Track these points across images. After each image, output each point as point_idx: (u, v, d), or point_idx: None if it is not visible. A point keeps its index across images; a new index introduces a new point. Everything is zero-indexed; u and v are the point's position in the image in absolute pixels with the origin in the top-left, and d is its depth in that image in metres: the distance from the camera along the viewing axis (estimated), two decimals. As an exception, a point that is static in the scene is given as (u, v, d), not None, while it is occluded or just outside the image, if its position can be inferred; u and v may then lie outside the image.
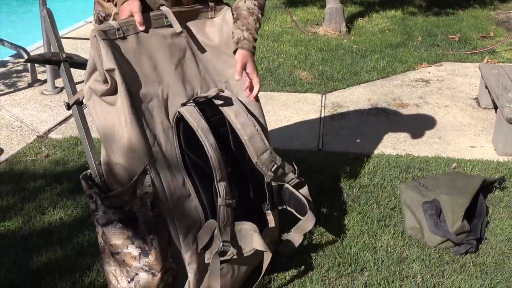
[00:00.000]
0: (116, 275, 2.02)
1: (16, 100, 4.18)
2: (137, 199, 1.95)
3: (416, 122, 3.92)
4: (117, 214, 1.95)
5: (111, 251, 2.00)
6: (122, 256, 1.98)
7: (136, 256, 1.97)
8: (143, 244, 1.96)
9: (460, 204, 2.59)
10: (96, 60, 1.91)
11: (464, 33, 5.96)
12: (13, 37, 4.93)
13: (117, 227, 1.96)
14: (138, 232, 1.96)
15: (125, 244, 1.97)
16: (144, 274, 1.98)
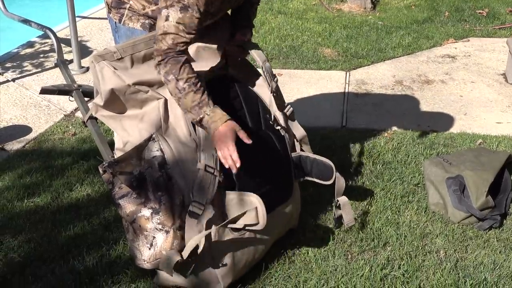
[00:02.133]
0: (140, 248, 2.08)
1: (43, 80, 4.25)
2: (144, 162, 2.04)
3: (441, 98, 3.88)
4: (128, 180, 2.03)
5: (129, 222, 2.08)
6: (137, 221, 2.06)
7: (149, 217, 2.04)
8: (154, 203, 2.04)
9: (484, 179, 2.57)
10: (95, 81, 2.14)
11: (492, 7, 5.83)
12: (39, 18, 4.98)
13: (131, 198, 2.06)
14: (147, 192, 2.04)
15: (139, 209, 2.05)
16: (159, 234, 2.04)
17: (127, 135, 2.12)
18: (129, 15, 2.19)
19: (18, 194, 2.81)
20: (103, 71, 2.06)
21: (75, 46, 4.32)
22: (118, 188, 2.08)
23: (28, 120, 3.65)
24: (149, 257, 2.06)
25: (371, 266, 2.31)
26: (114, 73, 2.06)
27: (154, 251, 2.06)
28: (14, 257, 2.39)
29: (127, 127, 2.13)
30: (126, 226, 2.13)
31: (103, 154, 2.24)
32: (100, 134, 2.26)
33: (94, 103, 2.16)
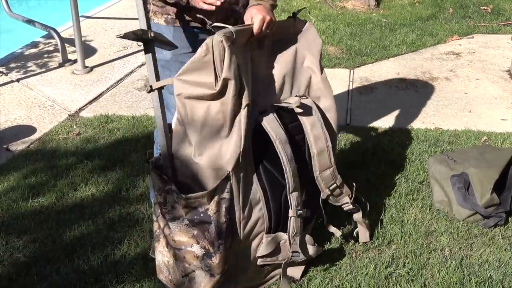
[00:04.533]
0: (169, 266, 2.04)
1: (48, 80, 4.26)
2: (214, 204, 1.95)
3: (445, 95, 3.86)
4: (190, 214, 1.96)
5: (171, 245, 2.01)
6: (183, 253, 1.99)
7: (199, 256, 1.98)
8: (210, 247, 1.96)
9: (489, 176, 2.56)
10: (217, 64, 1.90)
11: (497, 4, 5.81)
12: (43, 18, 5.00)
13: (183, 224, 1.97)
14: (208, 235, 1.96)
15: (190, 243, 1.97)
16: (202, 273, 1.99)
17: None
18: (154, 10, 2.19)
19: (23, 194, 2.82)
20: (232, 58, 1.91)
21: (79, 46, 4.33)
22: (170, 207, 1.97)
23: (32, 120, 3.66)
24: (179, 284, 2.03)
25: (376, 264, 2.31)
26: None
27: (190, 284, 2.00)
28: (19, 257, 2.40)
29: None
30: (158, 235, 2.04)
31: (162, 143, 2.03)
32: (164, 117, 2.03)
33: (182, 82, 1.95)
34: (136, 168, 3.00)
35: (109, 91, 4.07)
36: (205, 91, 1.92)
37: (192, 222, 1.96)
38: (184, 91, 1.93)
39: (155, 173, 1.99)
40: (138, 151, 3.15)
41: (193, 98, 1.93)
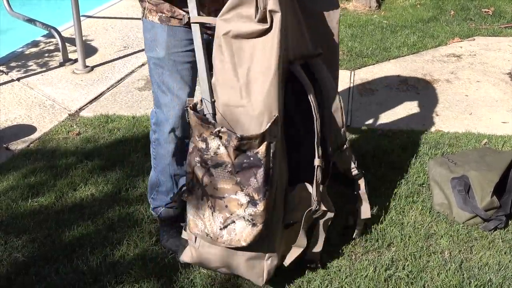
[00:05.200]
0: (205, 219, 1.97)
1: (48, 79, 4.26)
2: (264, 147, 1.89)
3: (446, 97, 3.86)
4: (239, 158, 1.89)
5: (211, 194, 1.94)
6: (226, 201, 1.93)
7: (244, 204, 1.91)
8: (254, 193, 1.90)
9: (489, 179, 2.56)
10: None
11: (498, 6, 5.80)
12: (44, 17, 4.99)
13: (225, 171, 1.91)
14: (253, 181, 1.90)
15: (234, 190, 1.91)
16: (243, 223, 1.93)
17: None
18: (148, 7, 2.19)
19: (22, 194, 2.82)
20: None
21: (79, 45, 4.32)
22: (213, 153, 1.90)
23: (32, 120, 3.66)
24: (216, 236, 1.96)
25: (375, 266, 2.31)
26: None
27: (229, 236, 1.94)
28: (18, 257, 2.39)
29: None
30: (192, 187, 1.98)
31: (204, 86, 1.98)
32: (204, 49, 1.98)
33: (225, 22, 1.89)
34: (136, 169, 3.00)
35: (110, 90, 4.07)
36: (254, 27, 1.85)
37: (238, 167, 1.89)
38: (232, 28, 1.86)
39: (197, 117, 1.92)
40: (138, 151, 3.15)
41: (241, 37, 1.87)
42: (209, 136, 1.90)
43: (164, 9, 2.16)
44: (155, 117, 2.33)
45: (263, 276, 2.11)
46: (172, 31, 2.18)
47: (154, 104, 2.33)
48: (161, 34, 2.18)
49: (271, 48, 1.86)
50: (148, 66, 2.30)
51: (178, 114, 2.26)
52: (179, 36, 2.18)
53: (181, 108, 2.25)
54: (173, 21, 2.17)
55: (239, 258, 2.06)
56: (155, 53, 2.21)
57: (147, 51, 2.27)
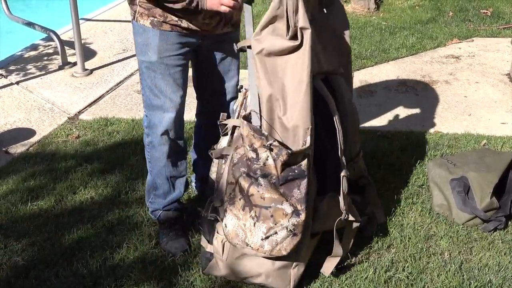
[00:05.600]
0: (246, 229, 2.01)
1: (47, 82, 4.26)
2: (306, 160, 1.98)
3: (445, 99, 3.86)
4: (286, 171, 1.97)
5: (257, 204, 1.98)
6: (272, 211, 1.98)
7: (288, 214, 1.97)
8: (298, 204, 1.97)
9: (488, 180, 2.56)
10: (290, 16, 1.94)
11: (497, 7, 5.81)
12: (43, 21, 5.00)
13: (271, 182, 1.98)
14: (297, 192, 1.97)
15: (280, 200, 1.97)
16: (285, 233, 1.98)
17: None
18: (140, 11, 2.19)
19: (22, 198, 2.82)
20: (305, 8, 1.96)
21: (78, 48, 4.33)
22: (263, 164, 1.97)
23: (32, 123, 3.66)
24: (257, 246, 2.01)
25: (375, 268, 2.31)
26: None
27: (270, 246, 1.99)
28: (18, 261, 2.39)
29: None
30: (234, 197, 2.03)
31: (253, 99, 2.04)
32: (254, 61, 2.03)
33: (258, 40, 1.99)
34: (135, 171, 3.00)
35: (109, 93, 4.07)
36: (285, 44, 1.95)
37: (283, 180, 1.97)
38: (265, 46, 1.96)
39: (250, 128, 1.98)
40: (137, 154, 3.15)
41: (273, 54, 1.97)
42: (260, 147, 1.97)
43: (157, 14, 2.17)
44: (147, 120, 2.34)
45: (290, 284, 2.15)
46: (164, 35, 2.19)
47: (145, 107, 2.33)
48: (153, 39, 2.19)
49: (302, 63, 1.95)
50: (139, 69, 2.31)
51: (171, 116, 2.28)
52: (171, 40, 2.19)
53: (174, 111, 2.28)
54: (165, 25, 2.18)
55: (269, 267, 2.10)
56: (147, 57, 2.22)
57: (139, 54, 2.27)
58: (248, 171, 2.00)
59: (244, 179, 2.00)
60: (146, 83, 2.28)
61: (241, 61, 2.63)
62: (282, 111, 2.00)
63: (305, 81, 1.96)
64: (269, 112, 2.00)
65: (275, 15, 1.97)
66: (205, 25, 2.20)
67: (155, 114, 2.29)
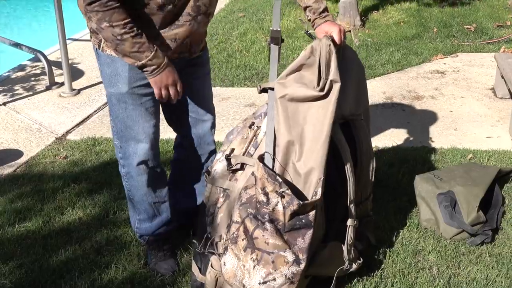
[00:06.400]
0: (245, 271, 2.00)
1: (35, 103, 4.25)
2: (314, 210, 1.98)
3: (431, 114, 3.90)
4: (294, 219, 1.97)
5: (259, 248, 1.98)
6: (274, 257, 1.97)
7: (289, 262, 1.97)
8: (300, 253, 1.98)
9: (475, 194, 2.58)
10: (322, 66, 1.98)
11: (480, 23, 5.90)
12: (30, 41, 5.01)
13: (277, 227, 1.98)
14: (301, 241, 1.98)
15: (284, 247, 1.97)
16: (282, 281, 1.98)
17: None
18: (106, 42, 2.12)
19: (9, 219, 2.80)
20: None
21: (66, 68, 4.34)
22: (272, 209, 1.97)
23: (19, 144, 3.65)
24: None
25: (364, 284, 2.31)
26: None
27: None
28: (5, 284, 2.37)
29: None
30: (236, 237, 2.01)
31: (269, 143, 2.05)
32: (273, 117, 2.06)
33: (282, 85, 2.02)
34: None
35: (97, 113, 4.07)
36: (310, 92, 1.98)
37: (289, 228, 1.98)
38: (288, 92, 1.99)
39: (265, 171, 1.97)
40: (125, 174, 3.14)
41: (296, 100, 1.99)
42: (271, 192, 1.96)
43: None
44: (121, 151, 2.28)
45: None
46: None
47: (117, 138, 2.26)
48: (123, 69, 2.10)
49: (325, 114, 1.98)
50: (109, 101, 2.22)
51: (146, 146, 2.23)
52: (138, 70, 2.10)
53: (149, 140, 2.23)
54: None
55: None
56: (116, 88, 2.15)
57: (108, 86, 2.18)
58: (255, 214, 2.00)
59: (251, 221, 2.00)
60: (116, 115, 2.21)
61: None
62: (297, 156, 2.01)
63: (325, 131, 1.98)
64: (284, 156, 2.02)
65: (303, 63, 2.01)
66: (175, 55, 2.14)
67: (128, 145, 2.23)
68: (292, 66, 2.03)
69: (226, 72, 4.75)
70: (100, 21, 1.87)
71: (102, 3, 1.85)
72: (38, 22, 7.68)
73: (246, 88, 4.47)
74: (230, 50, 5.29)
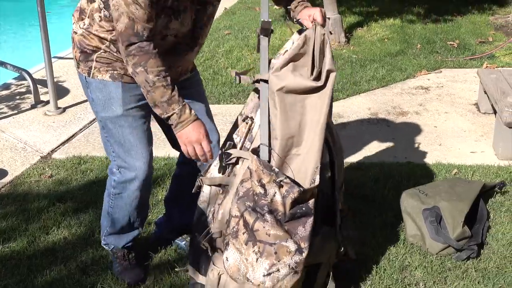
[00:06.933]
0: (248, 264, 1.98)
1: (20, 122, 4.23)
2: (314, 198, 2.00)
3: (416, 129, 3.93)
4: (295, 208, 1.98)
5: (261, 239, 1.97)
6: (276, 248, 1.96)
7: (292, 252, 1.96)
8: (302, 242, 1.97)
9: (460, 210, 2.60)
10: (316, 57, 1.99)
11: (463, 39, 5.98)
12: (14, 60, 4.99)
13: (277, 218, 1.97)
14: (302, 230, 1.98)
15: (285, 237, 1.96)
16: (286, 271, 1.96)
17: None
18: (97, 67, 2.14)
19: (-7, 240, 2.77)
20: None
21: (51, 87, 4.32)
22: (270, 200, 1.96)
23: (3, 163, 3.62)
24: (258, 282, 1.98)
25: (352, 301, 2.31)
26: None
27: (271, 283, 1.96)
28: (-11, 305, 2.34)
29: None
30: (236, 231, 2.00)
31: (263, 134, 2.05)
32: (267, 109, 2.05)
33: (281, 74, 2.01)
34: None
35: (82, 131, 4.06)
36: (308, 83, 1.99)
37: (289, 217, 1.97)
38: (285, 83, 1.98)
39: (259, 162, 1.97)
40: (111, 192, 3.13)
41: (294, 92, 1.99)
42: (268, 183, 1.96)
43: (117, 67, 2.14)
44: (118, 175, 2.28)
45: None
46: (126, 86, 2.15)
47: (116, 164, 2.27)
48: (116, 91, 2.13)
49: (322, 104, 2.01)
50: (104, 127, 2.22)
51: (145, 169, 2.24)
52: (133, 91, 2.15)
53: (146, 162, 2.23)
54: (126, 78, 2.14)
55: None
56: (111, 112, 2.16)
57: (101, 111, 2.19)
58: (254, 206, 1.99)
59: (250, 214, 1.98)
60: (114, 139, 2.21)
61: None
62: (295, 147, 2.03)
63: (322, 121, 2.00)
64: (283, 148, 2.02)
65: (297, 53, 2.01)
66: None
67: (128, 170, 2.23)
68: (286, 57, 2.02)
69: (212, 89, 4.76)
70: (135, 66, 1.93)
71: (139, 46, 1.90)
72: (23, 40, 7.66)
73: (232, 105, 4.49)
74: (216, 67, 5.31)
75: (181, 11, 2.05)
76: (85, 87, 2.21)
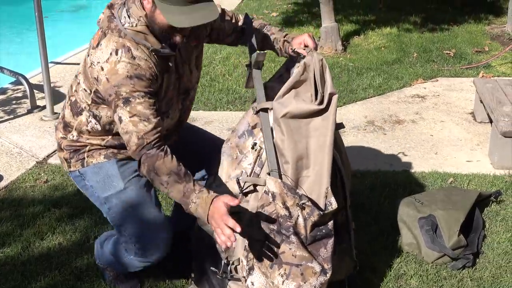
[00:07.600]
0: (274, 287, 1.99)
1: (16, 126, 4.22)
2: (333, 220, 2.03)
3: (412, 138, 3.94)
4: (315, 230, 2.01)
5: (286, 261, 1.98)
6: (302, 269, 1.99)
7: (317, 273, 1.99)
8: (325, 263, 2.01)
9: (456, 218, 2.60)
10: (318, 82, 2.03)
11: (459, 48, 6.00)
12: (11, 65, 4.98)
13: (300, 240, 1.99)
14: (323, 251, 2.02)
15: (310, 258, 2.00)
16: None
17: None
18: (90, 154, 2.15)
19: (-12, 245, 2.76)
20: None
21: (48, 92, 4.32)
22: (294, 222, 1.98)
23: (-1, 168, 3.61)
24: None
25: (347, 309, 2.31)
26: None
27: None
28: (-18, 311, 2.33)
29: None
30: (268, 257, 2.00)
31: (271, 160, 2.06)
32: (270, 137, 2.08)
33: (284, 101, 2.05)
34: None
35: (78, 137, 4.04)
36: (311, 107, 2.03)
37: (311, 239, 2.01)
38: (289, 109, 2.01)
39: (284, 186, 1.98)
40: (107, 198, 3.12)
41: (298, 117, 2.02)
42: (292, 206, 1.98)
43: (110, 148, 2.16)
44: (136, 249, 2.18)
45: None
46: (121, 162, 2.16)
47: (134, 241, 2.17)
48: (113, 168, 2.14)
49: (326, 126, 2.04)
50: (113, 211, 2.17)
51: (167, 236, 2.18)
52: (128, 165, 2.16)
53: (165, 227, 2.18)
54: (120, 155, 2.17)
55: None
56: (114, 188, 2.15)
57: (104, 193, 2.16)
58: (278, 229, 2.01)
59: (275, 237, 2.01)
60: (126, 214, 2.15)
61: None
62: (304, 170, 2.05)
63: (328, 143, 2.03)
64: (295, 171, 2.04)
65: (298, 80, 2.06)
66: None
67: (150, 242, 2.16)
68: (287, 85, 2.06)
69: (209, 96, 4.76)
70: (149, 173, 1.97)
71: (146, 154, 1.94)
72: (19, 45, 7.65)
73: (229, 112, 4.49)
74: (213, 74, 5.31)
75: (170, 108, 2.11)
76: (80, 181, 2.21)
